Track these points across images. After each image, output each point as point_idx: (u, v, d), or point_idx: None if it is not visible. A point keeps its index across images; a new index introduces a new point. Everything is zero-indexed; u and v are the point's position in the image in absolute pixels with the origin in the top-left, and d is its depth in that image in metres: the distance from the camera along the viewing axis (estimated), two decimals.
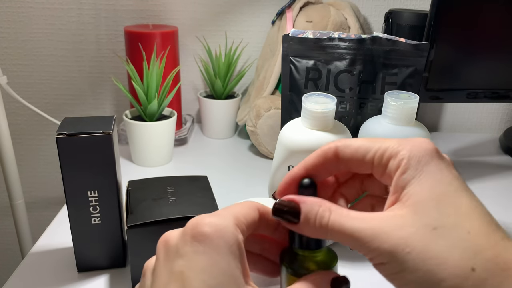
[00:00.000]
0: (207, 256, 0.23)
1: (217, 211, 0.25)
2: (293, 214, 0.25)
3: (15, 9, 0.83)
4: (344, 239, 0.24)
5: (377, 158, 0.25)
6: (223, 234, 0.23)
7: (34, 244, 0.50)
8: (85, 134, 0.40)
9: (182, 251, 0.23)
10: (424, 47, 0.53)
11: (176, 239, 0.24)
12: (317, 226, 0.24)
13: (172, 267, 0.23)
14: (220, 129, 0.83)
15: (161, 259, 0.24)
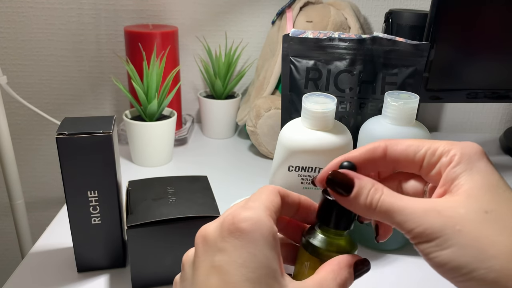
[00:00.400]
0: (246, 251, 0.23)
1: (248, 202, 0.26)
2: (346, 187, 0.26)
3: (15, 9, 0.83)
4: (392, 216, 0.24)
5: (428, 155, 0.26)
6: (260, 228, 0.24)
7: (34, 244, 0.50)
8: (85, 134, 0.40)
9: (220, 246, 0.24)
10: (424, 47, 0.53)
11: (214, 234, 0.25)
12: (367, 203, 0.25)
13: (211, 261, 0.24)
14: (220, 129, 0.83)
15: (200, 253, 0.25)
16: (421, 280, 0.47)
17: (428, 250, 0.23)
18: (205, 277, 0.24)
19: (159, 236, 0.42)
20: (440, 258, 0.23)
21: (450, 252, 0.22)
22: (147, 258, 0.43)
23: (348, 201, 0.26)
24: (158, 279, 0.44)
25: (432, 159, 0.26)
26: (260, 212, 0.25)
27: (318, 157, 0.44)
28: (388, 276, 0.48)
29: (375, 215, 0.25)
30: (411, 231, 0.24)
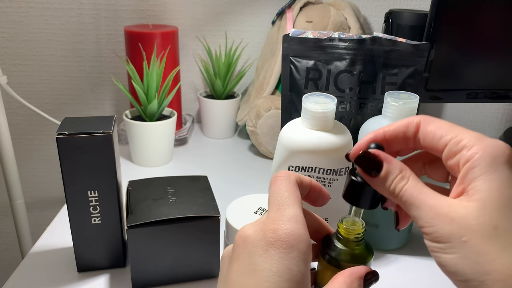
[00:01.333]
0: (282, 263, 0.25)
1: (285, 208, 0.27)
2: (375, 167, 0.27)
3: (15, 9, 0.83)
4: (409, 208, 0.26)
5: (451, 143, 0.26)
6: (299, 244, 0.26)
7: (34, 244, 0.50)
8: (85, 134, 0.40)
9: (259, 252, 0.26)
10: (424, 47, 0.53)
11: (255, 239, 0.26)
12: (391, 189, 0.26)
13: (249, 263, 0.26)
14: (220, 129, 0.83)
15: (238, 252, 0.27)
16: (421, 280, 0.47)
17: (433, 248, 0.25)
18: (238, 275, 0.26)
19: (159, 236, 0.42)
20: (442, 259, 0.24)
21: (452, 258, 0.24)
22: (147, 258, 0.43)
23: (373, 182, 0.27)
24: (158, 279, 0.44)
25: (453, 148, 0.26)
26: (301, 227, 0.26)
27: (318, 157, 0.44)
28: (388, 276, 0.48)
29: (398, 199, 0.26)
30: (422, 228, 0.25)
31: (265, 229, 0.26)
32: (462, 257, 0.23)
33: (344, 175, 0.46)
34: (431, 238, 0.25)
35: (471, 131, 0.26)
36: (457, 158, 0.25)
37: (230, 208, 0.45)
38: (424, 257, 0.51)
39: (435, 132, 0.27)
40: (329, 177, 0.45)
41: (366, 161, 0.27)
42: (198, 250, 0.44)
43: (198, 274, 0.45)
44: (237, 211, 0.44)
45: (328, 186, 0.46)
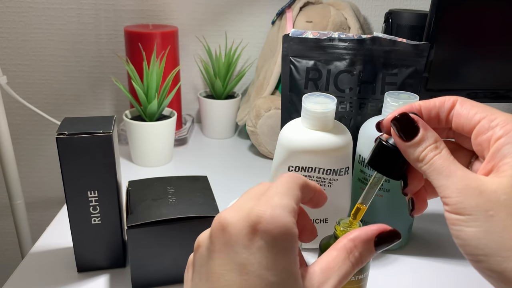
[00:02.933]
0: (270, 254, 0.23)
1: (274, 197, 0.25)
2: (410, 132, 0.27)
3: (15, 9, 0.83)
4: (437, 178, 0.26)
5: (485, 120, 0.26)
6: (285, 232, 0.24)
7: (34, 244, 0.50)
8: (85, 134, 0.40)
9: (245, 243, 0.23)
10: (424, 47, 0.53)
11: (237, 228, 0.24)
12: (421, 156, 0.27)
13: (234, 257, 0.23)
14: (220, 129, 0.83)
15: (218, 244, 0.24)
16: (421, 280, 0.47)
17: (454, 221, 0.24)
18: (224, 271, 0.24)
19: (159, 236, 0.42)
20: (462, 232, 0.24)
21: (474, 231, 0.23)
22: (147, 258, 0.43)
23: (404, 146, 0.27)
24: (158, 279, 0.44)
25: (486, 125, 0.26)
26: (287, 216, 0.24)
27: (318, 157, 0.44)
28: (388, 276, 0.48)
29: (422, 169, 0.27)
30: (447, 198, 0.25)
31: (249, 218, 0.24)
32: (486, 231, 0.23)
33: (344, 175, 0.46)
34: (454, 209, 0.24)
35: (505, 113, 0.26)
36: (488, 135, 0.26)
37: None
38: (424, 257, 0.51)
39: (470, 110, 0.27)
40: (329, 177, 0.45)
41: (403, 123, 0.27)
42: None
43: None
44: None
45: (328, 186, 0.46)
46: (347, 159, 0.46)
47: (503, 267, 0.22)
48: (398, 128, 0.28)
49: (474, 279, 0.48)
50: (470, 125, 0.27)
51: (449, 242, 0.54)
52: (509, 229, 0.23)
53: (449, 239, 0.55)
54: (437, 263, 0.50)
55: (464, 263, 0.50)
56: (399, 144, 0.28)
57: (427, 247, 0.53)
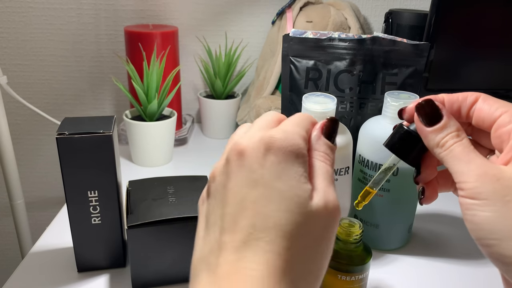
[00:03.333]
0: (281, 167, 0.26)
1: (287, 127, 0.27)
2: (433, 118, 0.28)
3: (15, 9, 0.83)
4: (455, 163, 0.27)
5: (508, 114, 0.27)
6: (296, 150, 0.26)
7: (34, 244, 0.50)
8: (85, 134, 0.40)
9: (259, 161, 0.26)
10: (424, 47, 0.53)
11: (253, 151, 0.26)
12: (442, 142, 0.28)
13: (249, 175, 0.26)
14: (220, 129, 0.83)
15: (235, 167, 0.27)
16: (421, 280, 0.47)
17: (469, 205, 0.25)
18: (240, 188, 0.26)
19: (159, 236, 0.42)
20: (476, 217, 0.25)
21: (489, 216, 0.24)
22: (147, 258, 0.43)
23: (425, 131, 0.29)
24: (158, 279, 0.44)
25: (507, 118, 0.27)
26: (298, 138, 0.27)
27: None
28: (388, 276, 0.48)
29: (440, 155, 0.28)
30: (464, 183, 0.26)
31: (264, 137, 0.26)
32: (501, 216, 0.24)
33: (344, 175, 0.46)
34: (470, 194, 0.25)
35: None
36: (509, 128, 0.27)
37: None
38: (424, 257, 0.51)
39: (492, 105, 0.28)
40: None
41: (427, 109, 0.29)
42: None
43: None
44: None
45: None
46: (347, 159, 0.46)
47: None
48: (422, 114, 0.29)
49: (474, 279, 0.48)
50: (491, 119, 0.28)
51: (449, 242, 0.54)
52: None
53: (449, 239, 0.55)
54: (437, 263, 0.50)
55: (464, 263, 0.50)
56: (421, 129, 0.29)
57: (427, 247, 0.53)
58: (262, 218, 0.25)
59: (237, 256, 0.24)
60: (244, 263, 0.24)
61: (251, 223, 0.25)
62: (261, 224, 0.25)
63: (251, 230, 0.25)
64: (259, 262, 0.24)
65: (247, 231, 0.25)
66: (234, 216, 0.26)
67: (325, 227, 0.26)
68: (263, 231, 0.25)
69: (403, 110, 0.31)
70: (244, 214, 0.25)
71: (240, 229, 0.25)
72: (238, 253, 0.24)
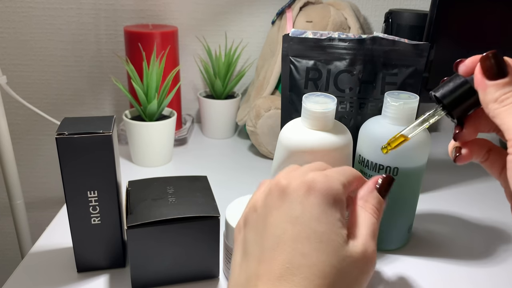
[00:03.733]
0: (320, 209, 0.28)
1: (330, 173, 0.30)
2: (499, 71, 0.28)
3: (15, 9, 0.83)
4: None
5: None
6: (335, 195, 0.29)
7: (34, 244, 0.50)
8: (85, 134, 0.40)
9: (300, 200, 0.28)
10: (424, 47, 0.53)
11: (295, 190, 0.29)
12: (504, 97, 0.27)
13: (289, 211, 0.28)
14: (220, 129, 0.83)
15: (277, 201, 0.29)
16: (421, 280, 0.47)
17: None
18: (280, 222, 0.28)
19: (159, 236, 0.42)
20: None
21: None
22: (147, 258, 0.43)
23: (486, 84, 0.28)
24: (158, 279, 0.44)
25: None
26: (338, 184, 0.29)
27: (318, 157, 0.44)
28: (388, 276, 0.48)
29: (496, 111, 0.27)
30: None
31: (306, 179, 0.29)
32: None
33: None
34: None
35: None
36: None
37: (230, 208, 0.45)
38: (424, 257, 0.51)
39: None
40: None
41: (494, 61, 0.28)
42: (198, 250, 0.44)
43: (198, 274, 0.45)
44: (237, 211, 0.44)
45: None
46: (347, 159, 0.46)
47: None
48: (488, 65, 0.28)
49: (474, 279, 0.48)
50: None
51: (449, 242, 0.54)
52: None
53: (449, 239, 0.55)
54: (437, 263, 0.50)
55: (464, 263, 0.50)
56: (480, 81, 0.28)
57: (427, 247, 0.53)
58: (299, 256, 0.26)
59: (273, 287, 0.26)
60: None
61: (289, 259, 0.26)
62: (298, 261, 0.26)
63: (287, 265, 0.26)
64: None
65: (284, 266, 0.26)
66: (272, 250, 0.27)
67: (362, 273, 0.28)
68: (299, 268, 0.26)
69: (460, 61, 0.31)
70: (282, 249, 0.27)
71: (277, 263, 0.27)
72: (274, 286, 0.26)
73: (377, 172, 0.48)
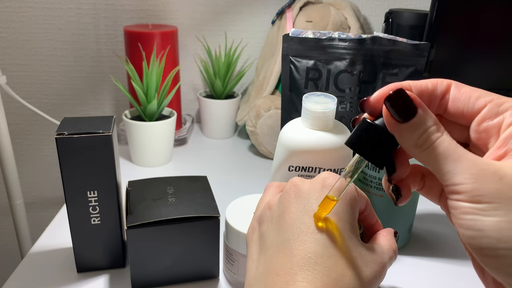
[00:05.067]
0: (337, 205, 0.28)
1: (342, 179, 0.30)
2: (407, 112, 0.23)
3: (15, 9, 0.83)
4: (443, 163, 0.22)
5: (492, 105, 0.24)
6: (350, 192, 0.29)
7: (34, 244, 0.50)
8: (85, 134, 0.40)
9: (315, 195, 0.29)
10: (424, 47, 0.53)
11: (308, 186, 0.30)
12: (422, 138, 0.23)
13: (306, 205, 0.29)
14: (220, 129, 0.83)
15: (293, 197, 0.30)
16: (421, 280, 0.47)
17: (467, 210, 0.21)
18: (298, 215, 0.28)
19: (159, 236, 0.42)
20: (479, 222, 0.21)
21: (496, 221, 0.20)
22: (147, 258, 0.43)
23: (399, 128, 0.24)
24: (158, 279, 0.44)
25: (494, 109, 0.23)
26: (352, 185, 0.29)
27: (318, 157, 0.44)
28: (388, 276, 0.48)
29: (421, 155, 0.24)
30: (458, 185, 0.22)
31: (315, 182, 0.30)
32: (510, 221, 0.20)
33: None
34: (469, 197, 0.21)
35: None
36: (498, 120, 0.23)
37: (229, 208, 0.45)
38: (424, 257, 0.51)
39: (471, 94, 0.25)
40: None
41: (398, 102, 0.23)
42: (198, 250, 0.44)
43: (198, 274, 0.45)
44: (237, 212, 0.44)
45: None
46: (347, 159, 0.45)
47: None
48: (393, 106, 0.23)
49: (474, 279, 0.48)
50: (472, 110, 0.24)
51: (449, 242, 0.54)
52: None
53: (449, 239, 0.55)
54: (437, 263, 0.50)
55: (464, 263, 0.50)
56: (392, 126, 0.24)
57: (427, 247, 0.53)
58: (321, 246, 0.27)
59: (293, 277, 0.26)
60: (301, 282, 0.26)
61: (311, 249, 0.27)
62: (320, 251, 0.27)
63: (309, 255, 0.27)
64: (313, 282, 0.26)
65: (306, 256, 0.27)
66: (293, 241, 0.28)
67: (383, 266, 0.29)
68: (322, 257, 0.27)
69: (366, 102, 0.26)
70: (303, 240, 0.27)
71: (300, 253, 0.27)
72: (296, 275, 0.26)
73: (377, 172, 0.48)
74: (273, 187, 0.35)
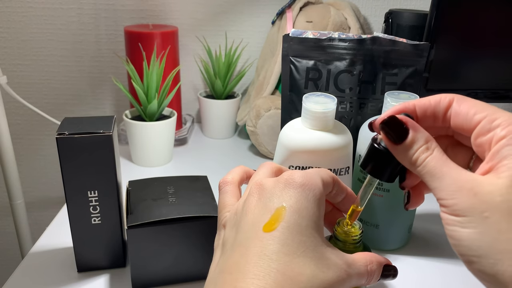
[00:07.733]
0: (300, 201, 0.28)
1: (308, 171, 0.30)
2: (399, 135, 0.27)
3: (15, 9, 0.83)
4: (431, 180, 0.25)
5: (485, 121, 0.25)
6: (314, 186, 0.28)
7: (34, 244, 0.50)
8: (85, 134, 0.40)
9: (278, 194, 0.28)
10: (424, 47, 0.53)
11: (272, 185, 0.29)
12: (415, 156, 0.26)
13: (267, 204, 0.28)
14: (220, 129, 0.83)
15: (255, 197, 0.29)
16: (421, 280, 0.47)
17: (450, 221, 0.24)
18: (259, 215, 0.28)
19: (159, 236, 0.42)
20: (457, 233, 0.24)
21: (469, 232, 0.23)
22: (147, 258, 0.43)
23: (396, 150, 0.27)
24: (158, 279, 0.44)
25: (487, 126, 0.25)
26: (317, 177, 0.29)
27: (318, 157, 0.44)
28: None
29: (416, 171, 0.26)
30: (441, 200, 0.25)
31: (280, 178, 0.29)
32: (480, 233, 0.23)
33: (344, 175, 0.46)
34: (450, 211, 0.24)
35: (506, 111, 0.26)
36: (489, 136, 0.25)
37: None
38: (424, 257, 0.51)
39: (469, 110, 0.26)
40: None
41: (391, 127, 0.27)
42: (198, 250, 0.44)
43: (198, 274, 0.45)
44: None
45: None
46: (347, 159, 0.46)
47: (495, 270, 0.22)
48: (387, 132, 0.27)
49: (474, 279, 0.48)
50: (470, 125, 0.26)
51: (449, 242, 0.54)
52: (503, 231, 0.22)
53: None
54: (437, 263, 0.50)
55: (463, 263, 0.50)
56: (390, 147, 0.27)
57: (427, 247, 0.53)
58: (277, 243, 0.26)
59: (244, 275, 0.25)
60: (251, 279, 0.25)
61: (266, 246, 0.26)
62: (276, 248, 0.26)
63: (265, 251, 0.26)
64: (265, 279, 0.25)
65: (262, 252, 0.26)
66: (248, 239, 0.27)
67: None
68: (278, 253, 0.26)
69: (372, 124, 0.29)
70: (260, 237, 0.27)
71: (254, 250, 0.26)
72: (249, 272, 0.26)
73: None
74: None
